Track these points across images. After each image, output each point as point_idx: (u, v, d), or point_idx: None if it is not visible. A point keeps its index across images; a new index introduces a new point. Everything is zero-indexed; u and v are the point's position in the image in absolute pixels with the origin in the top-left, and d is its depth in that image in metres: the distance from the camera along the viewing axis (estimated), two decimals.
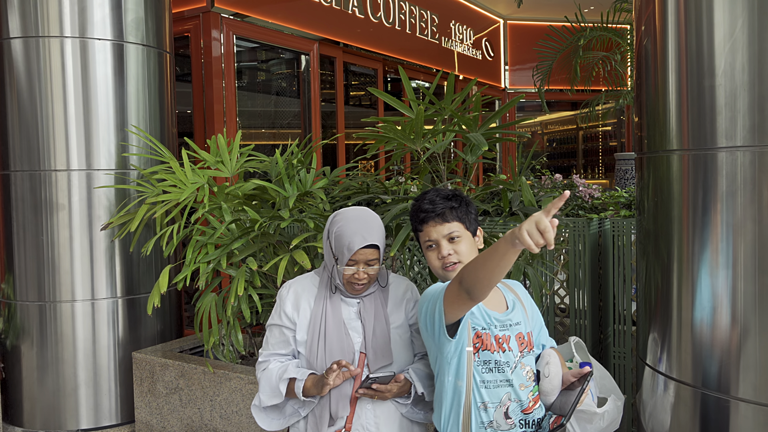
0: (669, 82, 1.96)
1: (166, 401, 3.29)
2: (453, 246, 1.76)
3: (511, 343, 1.74)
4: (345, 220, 1.90)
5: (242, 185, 2.91)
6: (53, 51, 3.45)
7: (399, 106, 2.57)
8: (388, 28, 6.93)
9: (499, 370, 1.72)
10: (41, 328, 3.53)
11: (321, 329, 1.90)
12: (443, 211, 1.77)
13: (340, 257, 1.87)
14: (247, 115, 5.82)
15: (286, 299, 1.97)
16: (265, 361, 1.97)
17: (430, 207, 1.77)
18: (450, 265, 1.75)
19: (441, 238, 1.76)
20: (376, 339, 1.90)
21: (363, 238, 1.84)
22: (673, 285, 2.05)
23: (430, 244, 1.77)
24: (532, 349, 1.79)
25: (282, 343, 1.96)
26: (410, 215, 1.83)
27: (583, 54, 6.18)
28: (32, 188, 3.49)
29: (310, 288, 1.99)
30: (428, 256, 1.79)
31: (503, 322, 1.76)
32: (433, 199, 1.79)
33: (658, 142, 2.01)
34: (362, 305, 1.95)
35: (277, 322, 1.96)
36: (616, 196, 3.41)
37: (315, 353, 1.89)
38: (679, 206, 1.95)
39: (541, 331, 1.88)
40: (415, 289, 2.07)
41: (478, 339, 1.73)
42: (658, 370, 2.14)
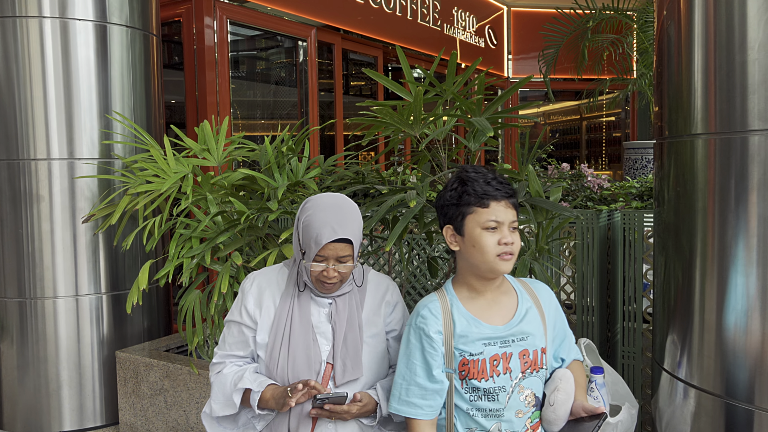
0: (694, 61, 1.77)
1: (151, 403, 3.12)
2: (512, 236, 1.51)
3: (512, 363, 1.53)
4: (315, 209, 1.65)
5: (229, 175, 2.72)
6: (32, 32, 3.26)
7: (397, 89, 2.38)
8: (389, 14, 6.72)
9: (489, 398, 1.51)
10: (21, 325, 3.36)
11: (285, 332, 1.67)
12: (513, 193, 1.53)
13: (307, 251, 1.64)
14: (241, 105, 5.63)
15: (248, 293, 1.73)
16: (219, 362, 1.75)
17: (498, 185, 1.51)
18: (508, 255, 1.50)
19: (507, 222, 1.50)
20: (347, 348, 1.68)
21: (333, 230, 1.60)
22: (695, 284, 1.86)
23: (493, 225, 1.49)
24: (539, 369, 1.56)
25: (240, 343, 1.72)
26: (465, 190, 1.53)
27: (592, 37, 5.93)
28: (10, 178, 3.31)
29: (277, 282, 1.75)
30: (483, 237, 1.49)
31: (505, 338, 1.54)
32: (499, 178, 1.54)
33: (681, 126, 1.82)
34: (334, 307, 1.71)
35: (237, 319, 1.73)
36: (627, 186, 3.22)
37: (276, 360, 1.66)
38: (704, 197, 1.76)
39: (563, 344, 1.65)
40: (396, 289, 1.85)
41: (464, 367, 1.52)
42: (677, 376, 1.96)
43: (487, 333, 1.53)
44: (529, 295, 1.63)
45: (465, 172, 1.57)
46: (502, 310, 1.58)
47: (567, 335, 1.66)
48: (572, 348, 1.67)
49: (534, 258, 2.40)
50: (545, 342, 1.57)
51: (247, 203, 2.69)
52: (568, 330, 1.66)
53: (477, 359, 1.51)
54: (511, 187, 1.55)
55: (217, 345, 1.78)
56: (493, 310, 1.57)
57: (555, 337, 1.63)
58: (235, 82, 5.36)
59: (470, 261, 1.55)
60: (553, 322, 1.62)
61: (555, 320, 1.63)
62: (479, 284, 1.57)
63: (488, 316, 1.56)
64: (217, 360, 1.75)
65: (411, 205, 2.06)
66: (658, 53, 2.02)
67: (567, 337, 1.66)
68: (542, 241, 2.42)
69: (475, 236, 1.51)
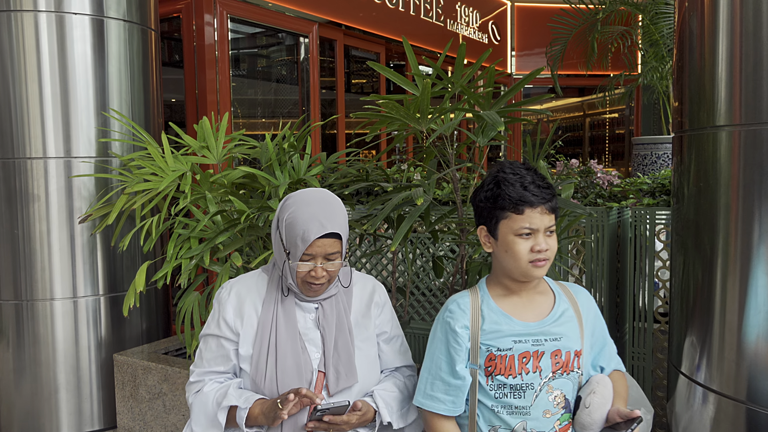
0: (718, 50, 1.68)
1: (149, 407, 3.05)
2: (548, 240, 1.46)
3: (543, 362, 1.47)
4: (299, 204, 1.54)
5: (229, 173, 2.64)
6: (26, 26, 3.18)
7: (403, 82, 2.30)
8: (391, 9, 6.63)
9: (516, 394, 1.46)
10: (18, 328, 3.28)
11: (271, 342, 1.55)
12: (551, 198, 1.46)
13: (293, 250, 1.52)
14: (241, 103, 5.55)
15: (226, 303, 1.61)
16: (197, 381, 1.61)
17: (536, 190, 1.44)
18: (542, 261, 1.45)
19: (542, 228, 1.45)
20: (338, 354, 1.58)
21: (321, 225, 1.50)
22: (716, 283, 1.78)
23: (527, 232, 1.44)
24: (570, 371, 1.50)
25: (220, 358, 1.59)
26: (501, 194, 1.46)
27: (602, 29, 5.81)
28: (5, 178, 3.22)
29: (257, 289, 1.63)
30: (516, 243, 1.44)
31: (536, 336, 1.48)
32: (537, 180, 1.47)
33: (704, 118, 1.73)
34: (321, 311, 1.61)
35: (215, 332, 1.60)
36: (637, 182, 3.14)
37: (263, 372, 1.54)
38: (728, 192, 1.67)
39: (602, 352, 1.58)
40: (383, 289, 1.76)
41: (491, 362, 1.48)
42: (696, 380, 1.87)
43: (518, 329, 1.49)
44: (567, 297, 1.57)
45: (502, 173, 1.50)
46: (537, 309, 1.53)
47: (607, 344, 1.58)
48: (613, 357, 1.60)
49: None
50: (581, 345, 1.51)
51: (247, 202, 2.61)
52: (609, 339, 1.59)
53: (505, 355, 1.47)
54: (550, 190, 1.47)
55: (193, 363, 1.64)
56: (527, 308, 1.52)
57: (594, 344, 1.56)
58: (236, 80, 5.28)
59: (503, 264, 1.50)
60: (591, 328, 1.56)
61: (594, 326, 1.56)
62: (513, 285, 1.53)
63: (521, 313, 1.52)
64: (194, 379, 1.62)
65: (418, 203, 1.98)
66: (678, 45, 1.93)
67: (607, 345, 1.58)
68: None
69: (508, 242, 1.46)
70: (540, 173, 1.51)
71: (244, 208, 2.44)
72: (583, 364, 1.52)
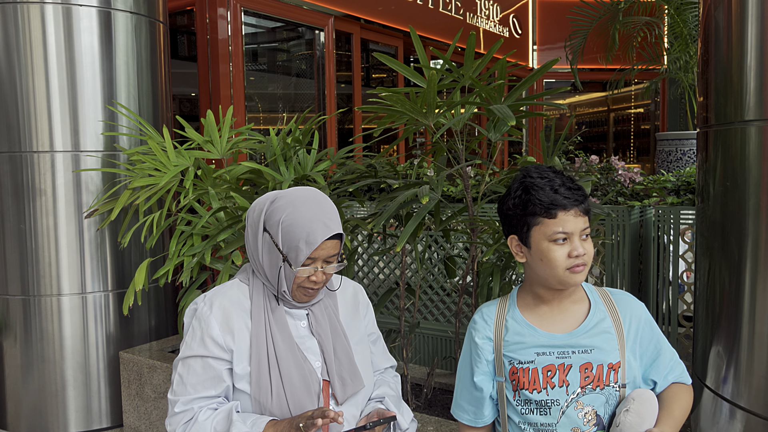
0: (747, 40, 1.55)
1: (155, 406, 2.99)
2: (584, 244, 1.37)
3: (570, 376, 1.36)
4: (294, 205, 1.42)
5: (232, 168, 2.56)
6: (33, 18, 3.13)
7: (410, 74, 2.19)
8: (409, 2, 6.51)
9: (542, 411, 1.37)
10: (25, 324, 3.25)
11: (270, 356, 1.42)
12: (583, 199, 1.37)
13: (294, 255, 1.40)
14: (256, 98, 5.48)
15: (209, 319, 1.43)
16: (184, 411, 1.41)
17: (567, 192, 1.36)
18: (580, 267, 1.35)
19: (578, 232, 1.36)
20: (339, 360, 1.48)
21: (326, 226, 1.40)
22: (744, 290, 1.65)
23: (563, 237, 1.35)
24: (604, 386, 1.38)
25: (210, 381, 1.41)
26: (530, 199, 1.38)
27: (624, 20, 5.61)
28: (12, 172, 3.18)
29: (241, 301, 1.48)
30: (551, 250, 1.36)
31: (563, 348, 1.38)
32: (568, 184, 1.38)
33: (731, 113, 1.60)
34: (313, 317, 1.50)
35: (200, 353, 1.41)
36: (661, 180, 2.99)
37: (267, 389, 1.41)
38: (757, 191, 1.54)
39: (656, 363, 1.44)
40: (362, 289, 1.67)
41: (514, 376, 1.39)
42: (722, 395, 1.74)
43: (542, 341, 1.40)
44: (606, 305, 1.45)
45: (529, 178, 1.40)
46: (568, 319, 1.42)
47: (662, 354, 1.44)
48: (672, 370, 1.45)
49: None
50: (619, 358, 1.39)
51: (251, 198, 2.53)
52: (666, 349, 1.45)
53: (527, 368, 1.39)
54: (582, 191, 1.37)
55: (171, 392, 1.47)
56: (557, 319, 1.42)
57: (643, 355, 1.43)
58: (250, 74, 5.21)
59: (539, 273, 1.40)
60: (637, 338, 1.42)
61: (641, 336, 1.43)
62: (547, 294, 1.44)
63: (548, 324, 1.42)
64: (180, 409, 1.42)
65: (423, 201, 1.87)
66: (703, 38, 1.80)
67: (661, 356, 1.44)
68: None
69: (542, 249, 1.37)
70: (568, 176, 1.41)
71: (245, 205, 2.36)
72: (625, 377, 1.39)
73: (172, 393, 1.46)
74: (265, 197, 1.48)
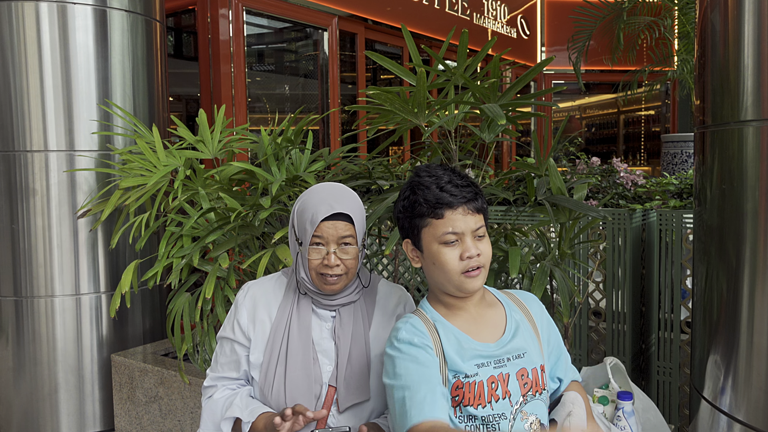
0: (744, 33, 1.48)
1: (146, 410, 2.94)
2: (479, 245, 1.29)
3: (510, 385, 1.29)
4: (309, 194, 1.49)
5: (224, 168, 2.51)
6: (27, 16, 3.10)
7: (401, 72, 2.13)
8: (415, 3, 6.45)
9: (489, 427, 1.26)
10: (17, 325, 3.21)
11: (281, 350, 1.45)
12: (474, 196, 1.29)
13: (304, 237, 1.44)
14: (258, 99, 5.44)
15: (241, 306, 1.53)
16: (211, 386, 1.55)
17: (457, 190, 1.28)
18: (475, 271, 1.27)
19: (468, 231, 1.27)
20: (351, 367, 1.45)
21: (330, 206, 1.42)
22: (742, 298, 1.58)
23: (453, 239, 1.27)
24: (541, 391, 1.32)
25: (233, 363, 1.52)
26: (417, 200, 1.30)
27: (628, 20, 5.52)
28: (5, 171, 3.15)
29: (274, 293, 1.54)
30: (442, 253, 1.27)
31: (498, 357, 1.30)
32: (454, 179, 1.30)
33: (728, 113, 1.53)
34: (338, 320, 1.48)
35: (229, 336, 1.53)
36: (663, 183, 2.92)
37: (270, 382, 1.44)
38: (755, 195, 1.47)
39: (559, 361, 1.42)
40: (410, 302, 1.61)
41: (458, 391, 1.28)
42: (719, 407, 1.67)
43: (480, 350, 1.30)
44: (517, 307, 1.40)
45: (417, 177, 1.33)
46: (489, 326, 1.34)
47: (563, 352, 1.42)
48: (570, 367, 1.44)
49: (555, 263, 2.13)
50: (542, 359, 1.35)
51: (243, 199, 2.48)
52: (563, 346, 1.43)
53: (473, 381, 1.27)
54: (472, 188, 1.29)
55: (210, 367, 1.58)
56: (480, 326, 1.33)
57: (550, 354, 1.40)
58: (252, 75, 5.17)
59: (435, 279, 1.32)
60: (547, 337, 1.39)
61: (549, 335, 1.40)
62: (455, 301, 1.34)
63: (476, 333, 1.32)
64: (208, 383, 1.56)
65: None
66: (700, 41, 1.73)
67: (563, 353, 1.42)
68: (565, 244, 2.15)
69: (433, 252, 1.29)
70: (460, 172, 1.33)
71: (235, 206, 2.31)
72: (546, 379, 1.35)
73: (210, 367, 1.58)
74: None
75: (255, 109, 5.32)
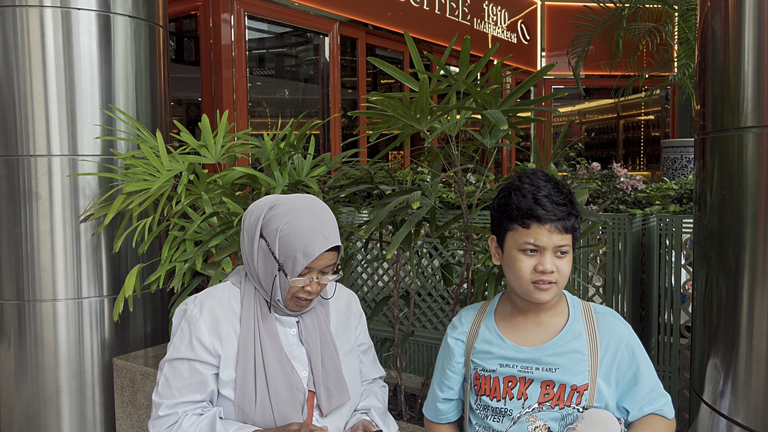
0: (744, 40, 1.50)
1: (147, 414, 2.95)
2: (557, 261, 1.32)
3: (530, 389, 1.33)
4: (293, 213, 1.39)
5: (226, 173, 2.53)
6: (32, 21, 3.12)
7: (403, 78, 2.16)
8: (416, 8, 6.48)
9: (496, 418, 1.36)
10: (20, 329, 3.23)
11: (257, 363, 1.40)
12: (567, 216, 1.32)
13: (290, 265, 1.38)
14: (259, 103, 5.46)
15: (198, 322, 1.41)
16: (168, 414, 1.40)
17: (551, 206, 1.31)
18: (546, 285, 1.31)
19: (550, 247, 1.31)
20: (327, 371, 1.45)
21: (325, 238, 1.38)
22: (742, 303, 1.59)
23: (532, 248, 1.31)
24: (564, 406, 1.33)
25: (195, 385, 1.40)
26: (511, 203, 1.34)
27: (627, 26, 5.54)
28: (8, 175, 3.17)
29: (230, 305, 1.46)
30: (519, 259, 1.32)
31: (527, 362, 1.35)
32: (553, 195, 1.32)
33: (728, 120, 1.55)
34: (303, 326, 1.47)
35: (187, 356, 1.40)
36: (663, 188, 2.94)
37: (252, 397, 1.38)
38: (755, 200, 1.49)
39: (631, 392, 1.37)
40: (357, 299, 1.65)
41: (477, 381, 1.40)
42: (719, 410, 1.68)
43: (509, 353, 1.38)
44: (585, 324, 1.39)
45: (518, 181, 1.37)
46: (540, 333, 1.38)
47: (640, 383, 1.36)
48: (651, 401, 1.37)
49: None
50: (587, 380, 1.33)
51: (246, 204, 2.50)
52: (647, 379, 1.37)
53: (489, 376, 1.38)
54: (567, 208, 1.32)
55: (156, 394, 1.45)
56: (530, 331, 1.39)
57: (619, 381, 1.36)
58: (252, 79, 5.20)
59: (509, 279, 1.38)
60: (614, 362, 1.36)
61: (619, 361, 1.36)
62: (522, 303, 1.41)
63: (519, 336, 1.39)
64: (164, 412, 1.41)
65: (414, 207, 1.83)
66: (701, 46, 1.75)
67: (639, 385, 1.36)
68: None
69: (512, 256, 1.35)
70: (562, 188, 1.35)
71: (238, 210, 2.33)
72: (593, 401, 1.33)
73: (156, 395, 1.44)
74: (263, 202, 1.45)
75: (255, 114, 5.33)
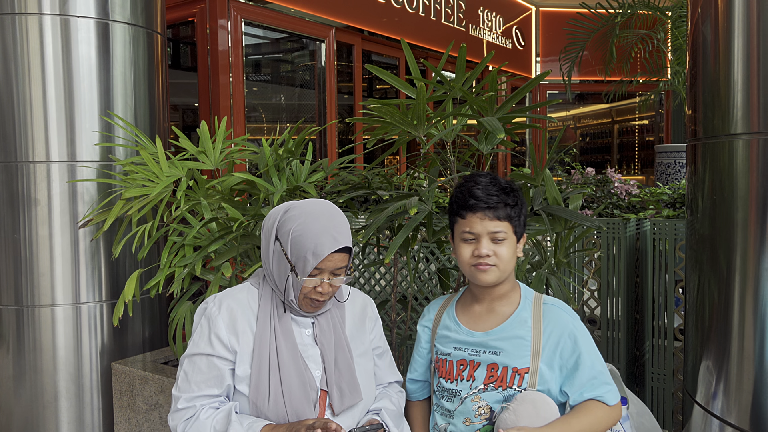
0: (733, 49, 1.53)
1: (146, 418, 2.97)
2: (495, 247, 1.47)
3: (477, 372, 1.48)
4: (306, 216, 1.46)
5: (225, 179, 2.56)
6: (31, 29, 3.14)
7: (401, 85, 2.19)
8: (411, 14, 6.53)
9: (448, 398, 1.52)
10: (18, 334, 3.24)
11: (272, 361, 1.45)
12: (497, 204, 1.48)
13: (301, 265, 1.45)
14: (256, 109, 5.49)
15: (217, 319, 1.48)
16: (187, 408, 1.46)
17: (483, 195, 1.47)
18: (484, 266, 1.47)
19: (485, 234, 1.47)
20: (340, 371, 1.49)
21: (334, 239, 1.43)
22: (733, 305, 1.62)
23: (471, 237, 1.49)
24: (506, 387, 1.46)
25: (213, 380, 1.46)
26: (453, 199, 1.54)
27: (621, 33, 5.61)
28: (8, 181, 3.19)
29: (248, 304, 1.53)
30: (460, 247, 1.51)
31: (476, 346, 1.51)
32: (488, 187, 1.49)
33: (719, 126, 1.58)
34: (318, 327, 1.53)
35: (206, 351, 1.47)
36: (657, 193, 2.97)
37: (265, 393, 1.44)
38: (745, 205, 1.52)
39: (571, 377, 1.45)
40: (373, 303, 1.70)
41: (437, 364, 1.58)
42: (711, 411, 1.72)
43: (462, 338, 1.54)
44: (532, 312, 1.51)
45: (464, 178, 1.55)
46: (491, 320, 1.53)
47: (580, 369, 1.44)
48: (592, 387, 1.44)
49: (551, 272, 2.18)
50: (528, 364, 1.45)
51: (245, 209, 2.52)
52: (588, 365, 1.44)
53: (445, 359, 1.54)
54: (500, 197, 1.48)
55: (175, 388, 1.51)
56: (482, 318, 1.55)
57: (562, 367, 1.46)
58: (249, 85, 5.22)
59: (459, 267, 1.55)
60: (557, 349, 1.47)
61: (562, 348, 1.46)
62: (478, 291, 1.57)
63: (473, 323, 1.55)
64: (183, 405, 1.47)
65: (411, 213, 1.86)
66: (692, 53, 1.79)
67: (580, 371, 1.45)
68: (561, 253, 2.20)
69: (456, 245, 1.53)
70: (499, 182, 1.51)
71: (237, 216, 2.35)
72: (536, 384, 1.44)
73: (176, 389, 1.51)
74: (280, 207, 1.54)
75: (251, 119, 5.36)
